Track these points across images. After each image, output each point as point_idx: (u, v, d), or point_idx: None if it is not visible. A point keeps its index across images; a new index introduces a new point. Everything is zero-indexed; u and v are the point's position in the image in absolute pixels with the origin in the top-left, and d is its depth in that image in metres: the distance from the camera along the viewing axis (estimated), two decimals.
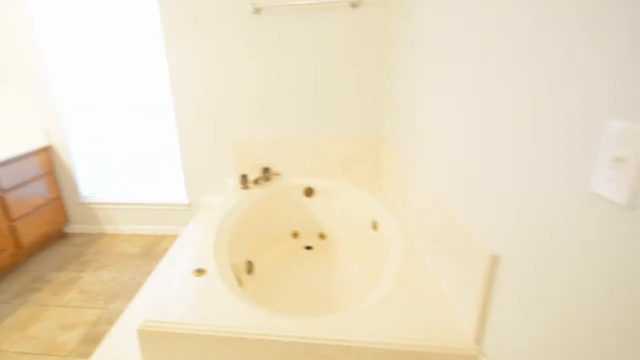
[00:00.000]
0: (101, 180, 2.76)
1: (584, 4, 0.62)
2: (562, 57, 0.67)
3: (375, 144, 2.28)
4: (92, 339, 1.78)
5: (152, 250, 2.56)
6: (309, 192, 2.30)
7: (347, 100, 2.22)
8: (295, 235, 2.29)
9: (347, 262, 2.06)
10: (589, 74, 0.61)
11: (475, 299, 0.99)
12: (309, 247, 2.21)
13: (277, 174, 2.31)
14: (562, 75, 0.67)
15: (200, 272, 1.46)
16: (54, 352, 1.72)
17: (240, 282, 1.60)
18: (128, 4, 2.26)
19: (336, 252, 2.16)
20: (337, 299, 1.78)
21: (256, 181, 2.22)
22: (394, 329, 1.06)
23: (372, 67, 2.13)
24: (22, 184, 2.38)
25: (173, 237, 2.70)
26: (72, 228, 2.86)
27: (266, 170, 2.28)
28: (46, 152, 2.59)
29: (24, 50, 2.36)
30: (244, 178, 2.17)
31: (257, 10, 2.08)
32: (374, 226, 1.91)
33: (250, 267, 1.92)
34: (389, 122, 2.10)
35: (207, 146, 2.44)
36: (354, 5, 2.01)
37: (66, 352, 1.71)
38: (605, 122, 0.58)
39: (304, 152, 2.33)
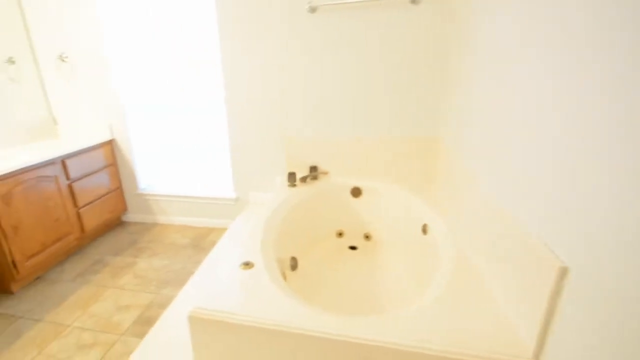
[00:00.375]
0: (156, 174, 2.92)
1: None
2: None
3: (428, 144, 2.20)
4: (145, 321, 1.88)
5: (200, 241, 2.66)
6: (356, 192, 2.27)
7: (401, 99, 2.17)
8: (340, 234, 2.28)
9: (393, 264, 2.00)
10: None
11: (537, 312, 0.92)
12: (353, 247, 2.19)
13: (325, 173, 2.31)
14: None
15: (247, 265, 1.48)
16: (111, 330, 1.83)
17: (284, 277, 1.61)
18: (186, 4, 2.37)
19: (381, 254, 2.11)
20: (381, 301, 1.73)
21: (304, 179, 2.24)
22: (445, 335, 1.01)
23: (431, 65, 2.06)
24: (88, 174, 2.58)
25: (221, 230, 2.80)
26: (129, 217, 3.05)
27: (314, 168, 2.29)
28: (110, 145, 2.78)
29: (93, 49, 2.55)
30: (291, 176, 2.19)
31: (313, 9, 2.09)
32: (424, 230, 1.85)
33: (294, 264, 1.93)
34: (446, 122, 2.02)
35: (256, 143, 2.49)
36: (413, 1, 1.96)
37: (121, 330, 1.82)
38: None
39: (353, 151, 2.31)
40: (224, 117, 2.55)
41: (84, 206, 2.55)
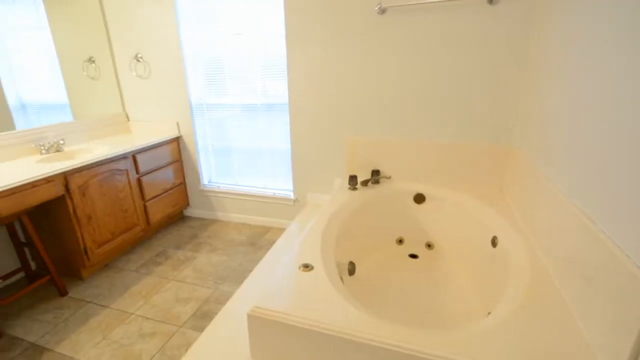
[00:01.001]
0: (218, 171, 2.99)
1: None
2: None
3: (499, 151, 2.00)
4: (203, 315, 1.89)
5: (258, 240, 2.67)
6: (419, 198, 2.13)
7: (472, 104, 2.00)
8: (400, 241, 2.14)
9: (456, 275, 1.83)
10: None
11: (624, 342, 0.78)
12: (414, 256, 2.04)
13: (388, 177, 2.19)
14: None
15: (307, 267, 1.42)
16: (171, 321, 1.86)
17: (341, 282, 1.53)
18: (255, 6, 2.39)
19: (444, 264, 1.95)
20: (443, 314, 1.59)
21: (365, 183, 2.15)
22: (518, 356, 0.88)
23: (508, 69, 1.88)
24: (156, 169, 2.70)
25: (278, 230, 2.79)
26: (190, 212, 3.16)
27: (376, 172, 2.19)
28: (176, 142, 2.90)
29: (166, 51, 2.67)
30: (352, 179, 2.10)
31: (383, 10, 2.01)
32: (493, 242, 1.67)
33: (352, 269, 1.84)
34: (523, 129, 1.82)
35: (317, 145, 2.45)
36: (490, 1, 1.80)
37: (180, 322, 1.85)
38: None
39: (418, 156, 2.17)
40: (286, 118, 2.55)
41: (150, 199, 2.66)
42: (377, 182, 2.17)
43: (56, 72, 2.45)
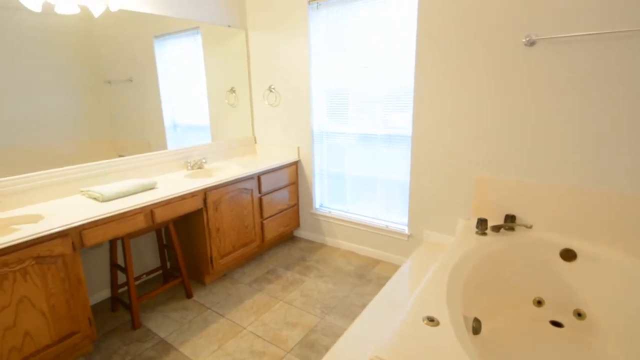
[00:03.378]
0: (331, 196, 3.03)
1: None
2: None
3: None
4: (309, 345, 1.86)
5: (366, 272, 2.58)
6: (568, 254, 1.79)
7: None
8: (539, 303, 1.82)
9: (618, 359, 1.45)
10: None
11: None
12: (557, 324, 1.70)
13: (528, 227, 1.89)
14: None
15: (432, 321, 1.28)
16: (279, 344, 1.88)
17: (470, 342, 1.33)
18: (384, 38, 2.40)
19: (599, 343, 1.57)
20: None
21: (497, 229, 1.90)
22: None
23: None
24: (275, 190, 2.86)
25: (387, 264, 2.67)
26: (300, 233, 3.25)
27: (511, 218, 1.93)
28: (295, 165, 3.04)
29: (296, 82, 2.85)
30: (482, 223, 1.88)
31: (531, 43, 1.81)
32: None
33: (477, 326, 1.61)
34: None
35: (439, 180, 2.30)
36: None
37: (288, 347, 1.85)
38: None
39: (568, 204, 1.85)
40: (406, 150, 2.46)
41: (267, 218, 2.82)
42: (511, 229, 1.90)
43: (203, 99, 2.81)
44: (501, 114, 1.98)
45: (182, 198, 2.12)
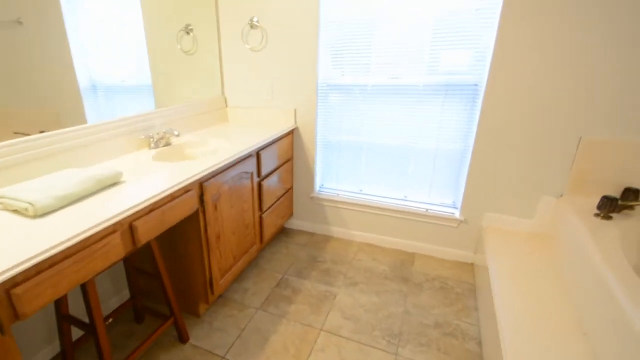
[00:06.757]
0: (340, 174, 2.36)
1: None
2: None
3: None
4: None
5: (406, 272, 2.04)
6: None
7: None
8: None
9: None
10: None
11: None
12: None
13: None
14: None
15: None
16: None
17: None
18: None
19: None
20: None
21: (612, 208, 1.51)
22: None
23: None
24: (273, 171, 2.08)
25: (428, 259, 2.16)
26: (294, 224, 2.54)
27: (634, 192, 1.55)
28: (291, 135, 2.27)
29: (299, 10, 2.03)
30: (609, 202, 1.48)
31: None
32: None
33: None
34: None
35: (520, 145, 1.79)
36: None
37: None
38: None
39: None
40: (464, 105, 1.90)
41: (266, 210, 2.05)
42: (631, 207, 1.54)
43: (140, 45, 1.73)
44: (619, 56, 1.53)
45: (172, 197, 1.25)
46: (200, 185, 1.41)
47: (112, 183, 1.19)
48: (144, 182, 1.24)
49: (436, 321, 1.67)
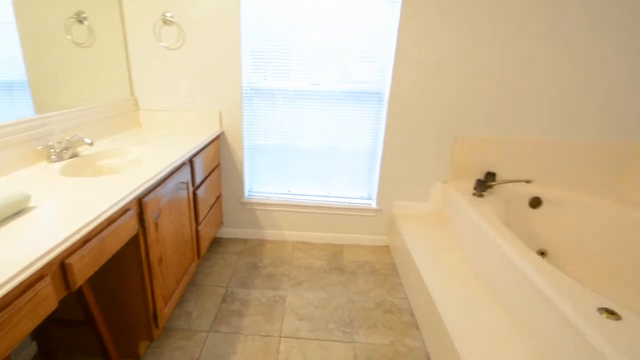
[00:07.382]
0: (267, 178, 2.31)
1: None
2: None
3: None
4: None
5: (340, 263, 2.13)
6: (535, 202, 1.98)
7: (610, 96, 1.91)
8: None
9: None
10: None
11: None
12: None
13: (528, 181, 1.94)
14: None
15: (612, 314, 1.08)
16: None
17: None
18: None
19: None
20: None
21: (483, 187, 1.94)
22: None
23: None
24: (205, 178, 1.92)
25: (354, 248, 2.30)
26: (225, 232, 2.39)
27: (491, 175, 2.01)
28: (218, 140, 2.13)
29: (218, 8, 1.90)
30: (481, 184, 1.90)
31: None
32: None
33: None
34: None
35: (416, 143, 2.11)
36: None
37: None
38: None
39: (535, 155, 2.06)
40: (371, 110, 2.11)
41: (202, 221, 1.89)
42: (491, 187, 1.97)
43: (10, 31, 1.36)
44: (474, 69, 1.94)
45: (110, 221, 1.06)
46: (139, 202, 1.22)
47: (18, 209, 0.94)
48: (65, 205, 1.01)
49: (375, 302, 1.80)
